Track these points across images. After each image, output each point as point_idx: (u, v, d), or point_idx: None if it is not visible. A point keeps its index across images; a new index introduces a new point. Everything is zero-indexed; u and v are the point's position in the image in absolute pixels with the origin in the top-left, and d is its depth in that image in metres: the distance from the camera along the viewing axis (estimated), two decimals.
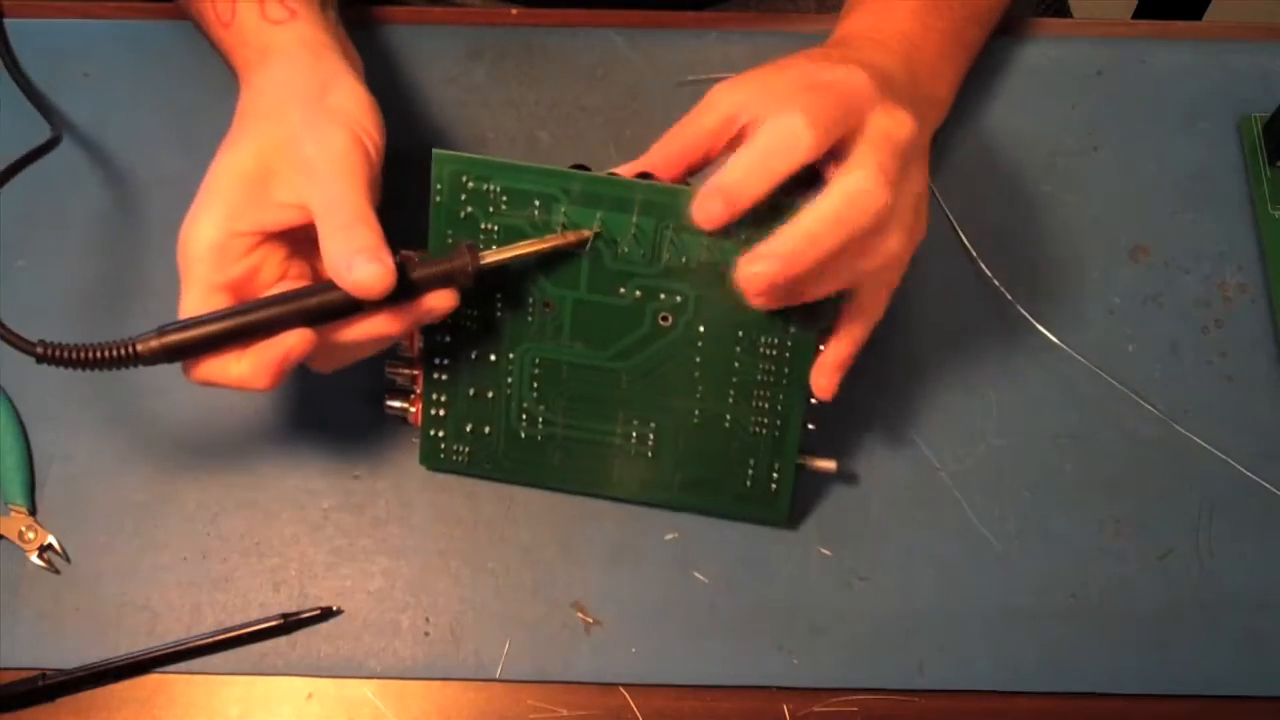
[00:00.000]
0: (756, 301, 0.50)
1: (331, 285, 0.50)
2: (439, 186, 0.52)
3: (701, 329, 0.54)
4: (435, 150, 0.52)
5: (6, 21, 0.69)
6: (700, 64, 0.69)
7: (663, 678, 0.57)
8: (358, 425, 0.61)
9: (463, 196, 0.52)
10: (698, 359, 0.55)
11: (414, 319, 0.52)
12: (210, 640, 0.57)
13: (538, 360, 0.56)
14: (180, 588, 0.58)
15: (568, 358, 0.56)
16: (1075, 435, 0.61)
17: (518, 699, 0.57)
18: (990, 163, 0.67)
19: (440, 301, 0.52)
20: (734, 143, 0.51)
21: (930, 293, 0.64)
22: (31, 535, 0.59)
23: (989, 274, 0.64)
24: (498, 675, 0.57)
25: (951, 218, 0.65)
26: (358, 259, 0.49)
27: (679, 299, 0.53)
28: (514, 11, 0.71)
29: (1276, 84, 0.69)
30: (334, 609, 0.58)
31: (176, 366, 0.51)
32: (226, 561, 0.59)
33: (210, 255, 0.50)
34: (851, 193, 0.49)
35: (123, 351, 0.50)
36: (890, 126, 0.50)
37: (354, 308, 0.50)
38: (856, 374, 0.54)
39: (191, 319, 0.50)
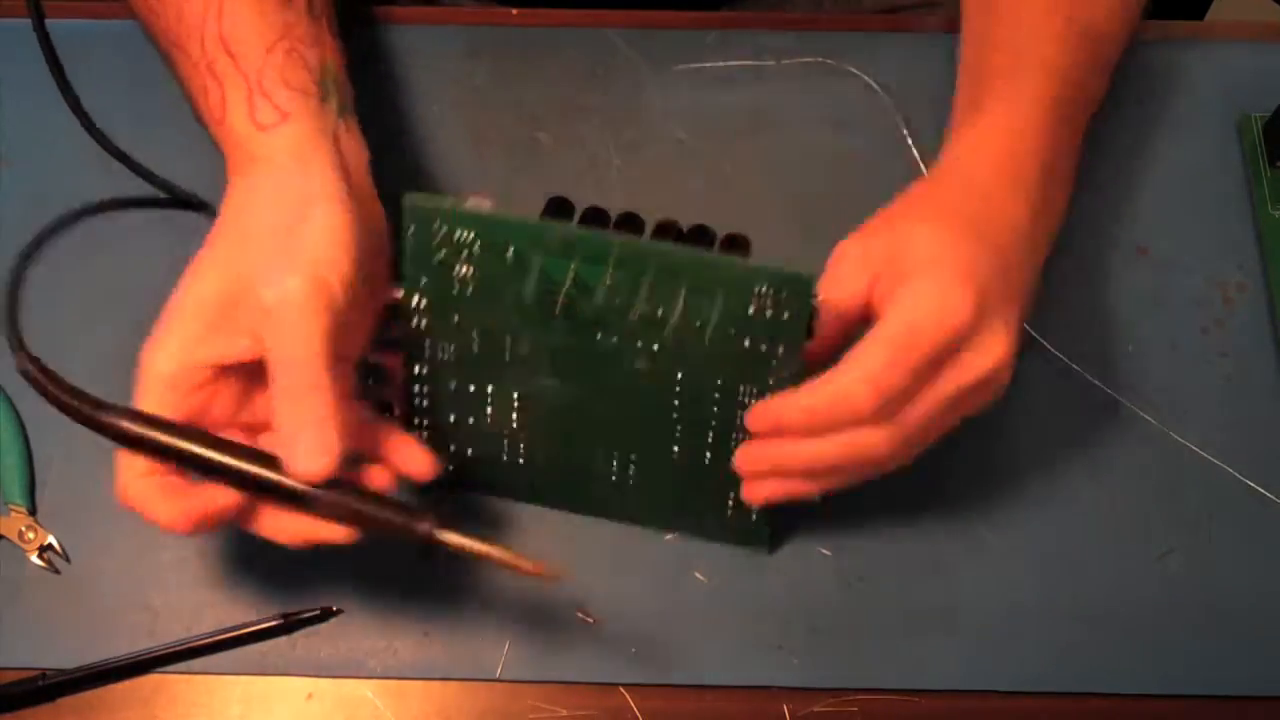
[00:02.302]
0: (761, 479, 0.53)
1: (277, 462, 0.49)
2: (411, 229, 0.51)
3: (680, 375, 0.53)
4: (406, 195, 0.51)
5: (7, 21, 0.69)
6: (700, 64, 0.69)
7: (663, 678, 0.57)
8: None
9: (434, 243, 0.51)
10: (676, 403, 0.54)
11: (351, 540, 0.51)
12: (210, 640, 0.57)
13: (515, 395, 0.55)
14: (180, 588, 0.58)
15: (545, 395, 0.55)
16: (1075, 435, 0.61)
17: (518, 699, 0.57)
18: None
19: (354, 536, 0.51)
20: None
21: None
22: (31, 535, 0.59)
23: None
24: (498, 675, 0.57)
25: None
26: (303, 437, 0.48)
27: (656, 347, 0.52)
28: (514, 11, 0.71)
29: (1276, 84, 0.69)
30: (334, 609, 0.58)
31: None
32: (226, 561, 0.59)
33: (165, 385, 0.49)
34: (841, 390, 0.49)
35: (89, 412, 0.49)
36: (976, 365, 0.50)
37: (298, 497, 0.49)
38: None
39: (163, 424, 0.49)
